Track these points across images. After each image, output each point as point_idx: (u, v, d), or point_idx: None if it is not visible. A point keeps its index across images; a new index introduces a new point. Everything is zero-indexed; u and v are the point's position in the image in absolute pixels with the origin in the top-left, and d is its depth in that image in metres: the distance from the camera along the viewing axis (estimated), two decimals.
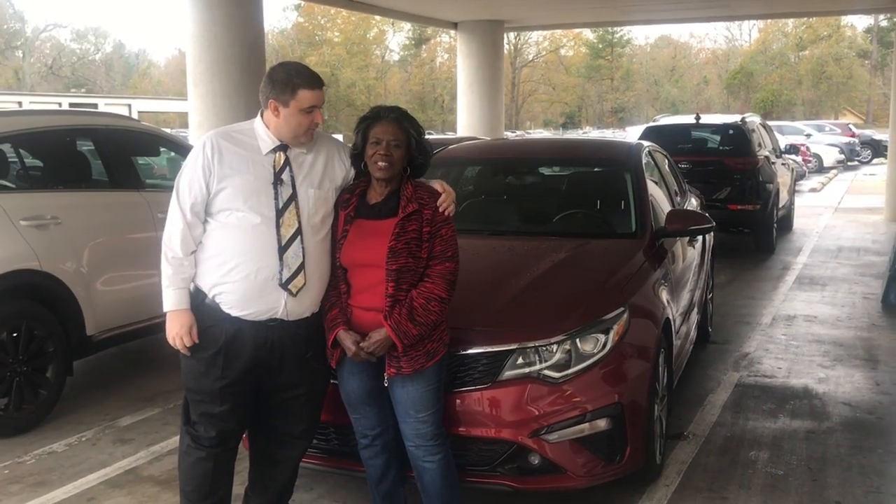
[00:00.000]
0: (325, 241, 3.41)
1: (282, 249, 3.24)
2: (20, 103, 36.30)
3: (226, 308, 3.26)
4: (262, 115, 3.35)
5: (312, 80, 3.28)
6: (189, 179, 3.23)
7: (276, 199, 3.26)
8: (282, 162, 3.30)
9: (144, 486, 4.39)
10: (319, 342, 3.43)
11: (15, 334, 5.04)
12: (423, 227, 3.30)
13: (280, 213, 3.25)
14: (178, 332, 3.26)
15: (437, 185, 3.49)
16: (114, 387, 6.02)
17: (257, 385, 3.38)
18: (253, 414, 3.47)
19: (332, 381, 3.76)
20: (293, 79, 3.25)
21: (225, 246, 3.24)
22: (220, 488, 3.44)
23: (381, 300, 3.28)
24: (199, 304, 3.29)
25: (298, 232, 3.28)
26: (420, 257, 3.30)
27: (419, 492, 3.51)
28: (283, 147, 3.31)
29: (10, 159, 5.57)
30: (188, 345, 3.27)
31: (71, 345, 5.39)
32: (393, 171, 3.34)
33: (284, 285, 3.25)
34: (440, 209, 3.35)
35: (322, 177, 3.40)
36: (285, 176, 3.29)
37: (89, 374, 6.29)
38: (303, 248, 3.28)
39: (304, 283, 3.29)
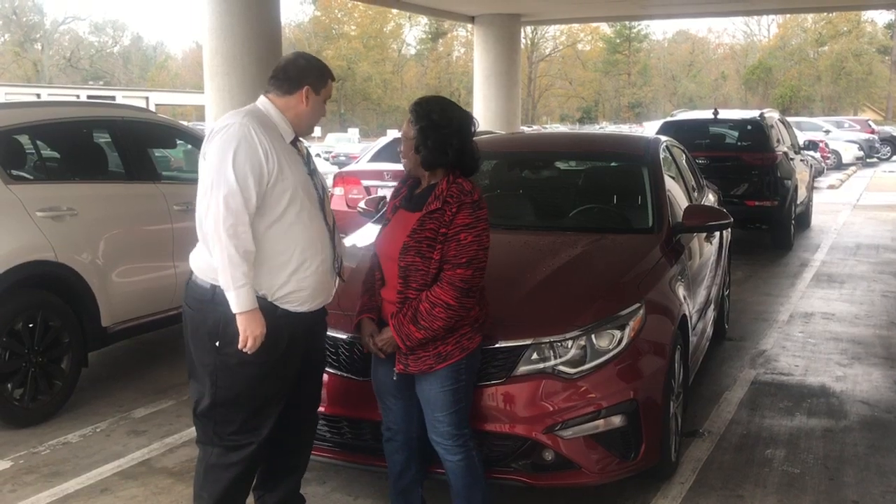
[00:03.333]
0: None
1: (332, 237, 3.30)
2: (38, 95, 36.53)
3: (294, 307, 3.17)
4: (273, 103, 3.22)
5: (333, 74, 3.37)
6: (250, 164, 2.98)
7: (317, 189, 3.27)
8: (306, 153, 3.33)
9: (158, 478, 4.39)
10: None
11: (31, 325, 5.05)
12: (441, 227, 3.24)
13: (321, 201, 3.28)
14: (260, 332, 3.04)
15: None
16: (128, 378, 6.04)
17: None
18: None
19: (347, 376, 3.77)
20: (325, 69, 3.30)
21: (287, 244, 3.11)
22: (245, 494, 3.42)
23: (395, 294, 3.29)
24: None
25: (334, 220, 3.35)
26: (430, 258, 3.23)
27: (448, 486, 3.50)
28: (297, 140, 3.31)
29: (27, 150, 5.58)
30: (258, 346, 3.07)
31: (86, 336, 5.40)
32: (407, 165, 3.38)
33: (338, 271, 3.34)
34: None
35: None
36: (313, 165, 3.34)
37: (104, 366, 6.31)
38: (338, 234, 3.38)
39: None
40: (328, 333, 3.83)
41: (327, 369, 3.84)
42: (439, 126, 3.28)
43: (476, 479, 3.43)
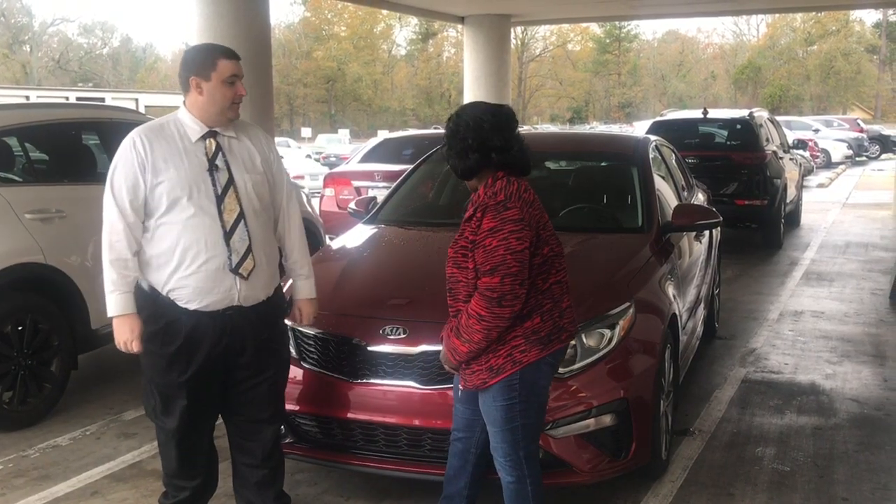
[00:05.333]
0: (269, 224, 3.46)
1: (227, 235, 3.26)
2: (28, 97, 36.29)
3: (182, 303, 3.26)
4: (184, 104, 3.35)
5: (228, 51, 3.34)
6: (124, 177, 3.20)
7: (215, 185, 3.27)
8: (213, 148, 3.31)
9: (148, 480, 4.38)
10: (277, 325, 3.52)
11: (20, 328, 5.04)
12: (471, 235, 3.08)
13: (220, 198, 3.26)
14: (128, 338, 3.29)
15: None
16: (118, 381, 6.02)
17: (224, 371, 3.41)
18: (220, 408, 3.52)
19: (335, 376, 3.76)
20: (210, 52, 3.31)
21: (169, 243, 3.23)
22: (199, 473, 3.53)
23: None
24: (155, 301, 3.29)
25: (241, 216, 3.30)
26: (465, 268, 3.09)
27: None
28: (212, 133, 3.32)
29: (15, 153, 5.56)
30: (137, 350, 3.29)
31: (75, 338, 5.38)
32: (459, 175, 3.23)
33: (235, 270, 3.27)
34: None
35: (254, 161, 3.42)
36: (220, 161, 3.30)
37: (94, 368, 6.29)
38: (248, 230, 3.31)
39: (254, 266, 3.32)
40: (312, 332, 3.83)
41: (317, 369, 3.84)
42: (455, 131, 3.16)
43: None
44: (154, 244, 3.25)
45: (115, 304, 3.25)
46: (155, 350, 3.31)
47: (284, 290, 3.72)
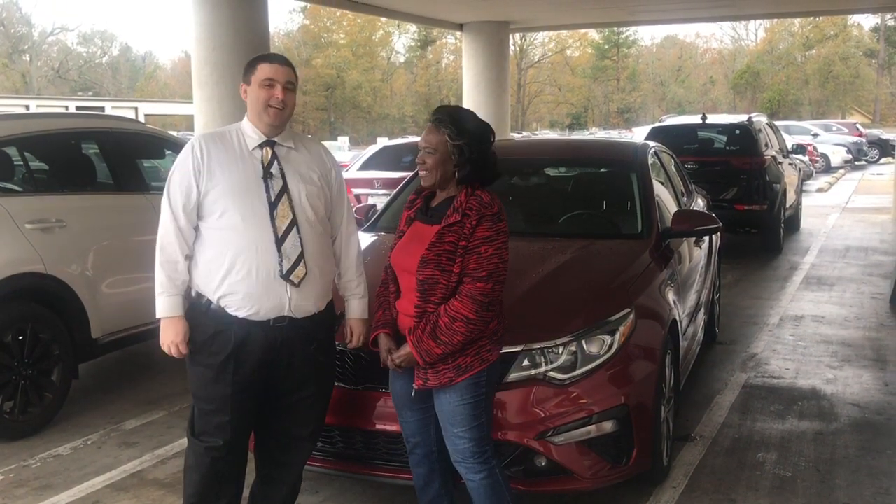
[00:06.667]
0: (325, 236, 3.44)
1: (279, 241, 3.24)
2: (27, 107, 36.41)
3: (232, 311, 3.23)
4: (247, 116, 3.39)
5: (272, 56, 3.38)
6: (179, 181, 3.23)
7: (268, 192, 3.27)
8: (269, 156, 3.32)
9: (149, 490, 4.38)
10: (326, 338, 3.47)
11: (20, 337, 5.04)
12: (460, 240, 3.14)
13: (273, 205, 3.26)
14: (172, 340, 3.24)
15: None
16: (119, 390, 6.02)
17: (266, 388, 3.37)
18: (259, 418, 3.45)
19: (337, 385, 3.76)
20: (254, 57, 3.38)
21: (221, 247, 3.22)
22: (224, 496, 3.42)
23: (413, 307, 3.24)
24: (206, 311, 3.25)
25: (294, 223, 3.29)
26: (450, 271, 3.15)
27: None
28: (269, 143, 3.34)
29: (15, 162, 5.57)
30: (183, 352, 3.25)
31: (76, 348, 5.38)
32: (432, 179, 3.25)
33: (286, 276, 3.24)
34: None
35: (311, 173, 3.42)
36: (274, 169, 3.31)
37: (95, 378, 6.29)
38: (300, 238, 3.29)
39: (306, 273, 3.28)
40: None
41: None
42: (481, 142, 3.25)
43: (501, 498, 3.32)
44: (206, 249, 3.25)
45: (164, 306, 3.24)
46: (203, 360, 3.27)
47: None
